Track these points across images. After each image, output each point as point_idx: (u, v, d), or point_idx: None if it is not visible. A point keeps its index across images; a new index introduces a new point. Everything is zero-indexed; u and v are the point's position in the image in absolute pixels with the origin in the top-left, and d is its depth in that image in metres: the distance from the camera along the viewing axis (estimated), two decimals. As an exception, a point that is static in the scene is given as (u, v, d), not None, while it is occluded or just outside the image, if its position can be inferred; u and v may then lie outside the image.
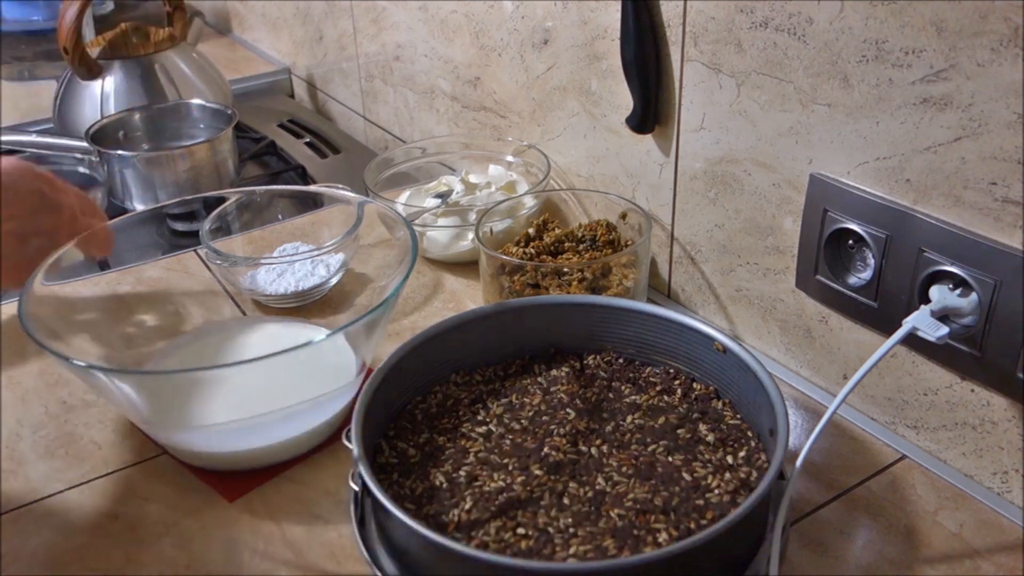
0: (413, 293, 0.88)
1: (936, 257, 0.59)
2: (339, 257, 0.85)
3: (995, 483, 0.62)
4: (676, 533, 0.53)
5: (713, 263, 0.79)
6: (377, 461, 0.61)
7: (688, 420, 0.63)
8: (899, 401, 0.66)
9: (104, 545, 0.60)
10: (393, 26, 1.18)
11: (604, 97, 0.85)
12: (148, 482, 0.66)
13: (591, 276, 0.76)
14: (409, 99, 1.21)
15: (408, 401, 0.66)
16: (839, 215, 0.65)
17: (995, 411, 0.60)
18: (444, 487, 0.58)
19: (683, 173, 0.79)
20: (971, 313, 0.58)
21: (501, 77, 1.00)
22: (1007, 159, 0.54)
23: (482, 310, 0.69)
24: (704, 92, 0.73)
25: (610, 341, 0.70)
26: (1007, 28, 0.51)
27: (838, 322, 0.69)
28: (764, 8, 0.65)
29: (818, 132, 0.65)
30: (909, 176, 0.60)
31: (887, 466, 0.65)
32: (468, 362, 0.69)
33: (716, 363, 0.65)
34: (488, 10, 0.97)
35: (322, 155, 1.29)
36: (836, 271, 0.67)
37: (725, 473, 0.58)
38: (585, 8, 0.83)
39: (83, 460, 0.68)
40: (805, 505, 0.61)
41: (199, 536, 0.61)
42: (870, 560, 0.57)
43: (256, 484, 0.64)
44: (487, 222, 0.85)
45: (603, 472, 0.59)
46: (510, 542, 0.53)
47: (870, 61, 0.59)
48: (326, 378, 0.68)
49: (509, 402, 0.66)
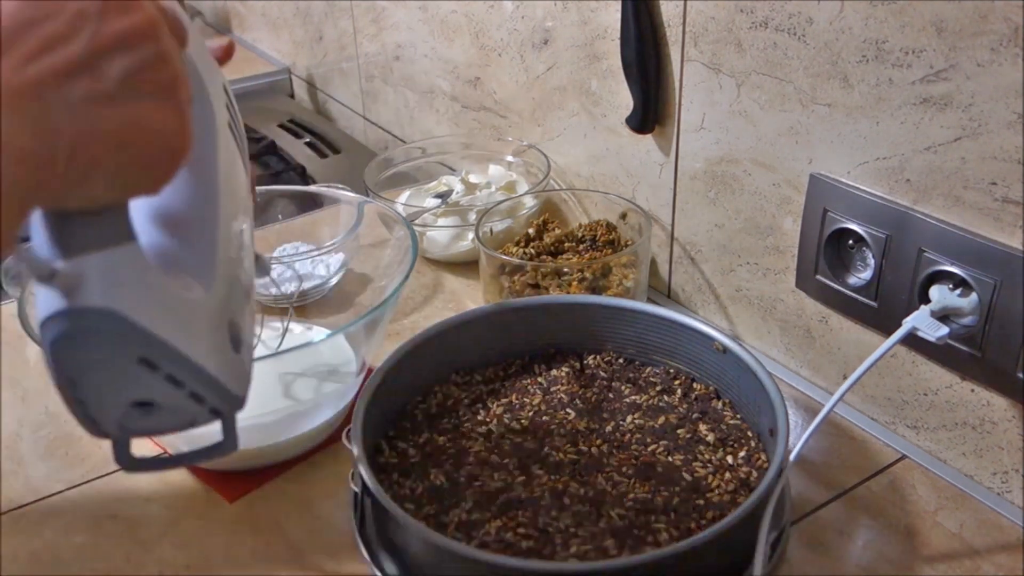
0: (413, 293, 0.88)
1: (936, 257, 0.59)
2: (339, 257, 0.85)
3: (995, 483, 0.62)
4: (676, 533, 0.53)
5: (713, 263, 0.79)
6: (377, 461, 0.61)
7: (688, 420, 0.63)
8: (899, 401, 0.66)
9: (104, 545, 0.60)
10: (393, 26, 1.18)
11: (604, 97, 0.85)
12: (148, 482, 0.66)
13: (591, 276, 0.76)
14: (409, 99, 1.21)
15: (408, 401, 0.66)
16: (839, 215, 0.65)
17: (995, 411, 0.60)
18: (444, 487, 0.58)
19: (683, 173, 0.79)
20: (971, 313, 0.58)
21: (501, 77, 1.00)
22: (1007, 159, 0.54)
23: (482, 310, 0.69)
24: (704, 92, 0.73)
25: (610, 341, 0.70)
26: (1007, 28, 0.51)
27: (838, 322, 0.69)
28: (764, 8, 0.65)
29: (818, 132, 0.65)
30: (909, 176, 0.60)
31: (887, 466, 0.65)
32: (468, 362, 0.69)
33: (716, 363, 0.65)
34: (488, 10, 0.97)
35: (322, 155, 1.29)
36: (836, 271, 0.67)
37: (725, 473, 0.58)
38: (585, 8, 0.83)
39: (83, 460, 0.68)
40: (805, 505, 0.61)
41: (199, 536, 0.61)
42: (870, 560, 0.57)
43: (256, 484, 0.64)
44: (487, 222, 0.85)
45: (603, 472, 0.59)
46: (510, 542, 0.53)
47: (870, 61, 0.59)
48: (326, 378, 0.68)
49: (509, 402, 0.66)
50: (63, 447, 0.69)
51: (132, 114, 0.34)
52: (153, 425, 0.39)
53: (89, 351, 0.34)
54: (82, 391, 0.36)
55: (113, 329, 0.34)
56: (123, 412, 0.38)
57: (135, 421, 0.39)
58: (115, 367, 0.35)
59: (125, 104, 0.34)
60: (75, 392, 0.36)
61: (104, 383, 0.36)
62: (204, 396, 0.39)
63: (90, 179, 0.33)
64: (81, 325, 0.33)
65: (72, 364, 0.35)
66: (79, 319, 0.33)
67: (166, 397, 0.38)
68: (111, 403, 0.37)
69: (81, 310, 0.33)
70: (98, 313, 0.33)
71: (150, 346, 0.35)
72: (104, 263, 0.34)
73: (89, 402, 0.37)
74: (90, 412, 0.37)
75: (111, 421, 0.38)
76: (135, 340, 0.35)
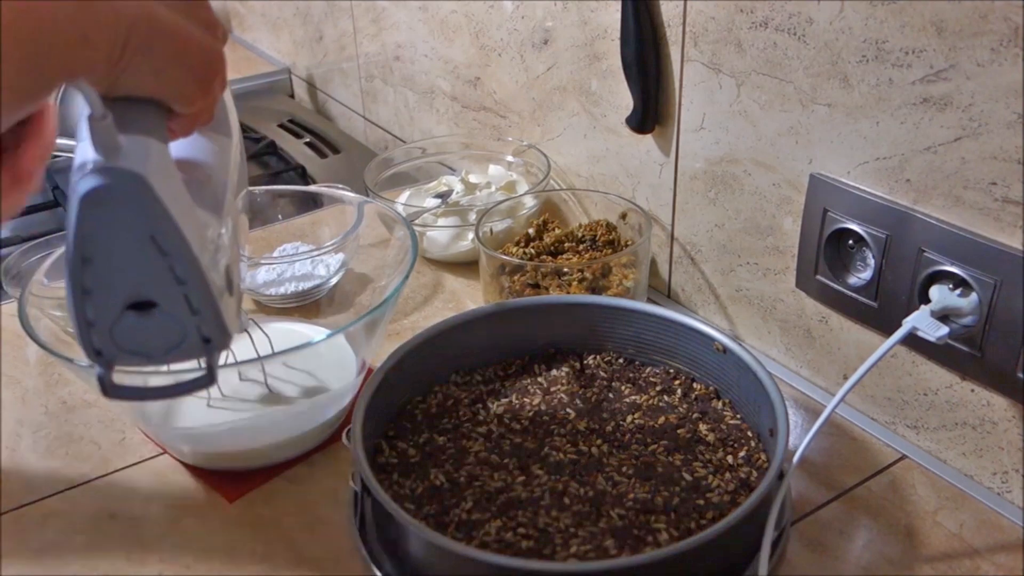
0: (413, 293, 0.88)
1: (936, 257, 0.59)
2: (339, 257, 0.85)
3: (995, 483, 0.62)
4: (676, 533, 0.53)
5: (713, 263, 0.79)
6: (377, 461, 0.61)
7: (688, 420, 0.63)
8: (899, 401, 0.66)
9: (104, 545, 0.60)
10: (393, 26, 1.18)
11: (604, 97, 0.85)
12: (148, 482, 0.66)
13: (591, 276, 0.76)
14: (409, 99, 1.21)
15: (408, 401, 0.66)
16: (839, 215, 0.65)
17: (995, 411, 0.60)
18: (444, 487, 0.58)
19: (683, 173, 0.79)
20: (971, 313, 0.58)
21: (501, 77, 1.00)
22: (1007, 159, 0.54)
23: (482, 310, 0.69)
24: (704, 92, 0.73)
25: (610, 341, 0.70)
26: (1007, 28, 0.51)
27: (838, 322, 0.69)
28: (764, 8, 0.65)
29: (818, 132, 0.65)
30: (909, 176, 0.60)
31: (887, 466, 0.65)
32: (468, 362, 0.69)
33: (716, 363, 0.65)
34: (488, 10, 0.97)
35: (322, 155, 1.29)
36: (836, 271, 0.67)
37: (725, 473, 0.58)
38: (585, 8, 0.83)
39: (83, 460, 0.68)
40: (805, 505, 0.61)
41: (199, 536, 0.61)
42: (870, 560, 0.57)
43: (256, 484, 0.64)
44: (487, 222, 0.85)
45: (603, 472, 0.59)
46: (510, 542, 0.53)
47: (870, 61, 0.59)
48: (326, 378, 0.68)
49: (509, 402, 0.66)
50: (63, 447, 0.69)
51: (184, 26, 0.39)
52: (142, 343, 0.41)
53: (113, 209, 0.37)
54: (90, 274, 0.38)
55: (138, 194, 0.37)
56: (119, 315, 0.40)
57: (126, 334, 0.40)
58: (129, 241, 0.38)
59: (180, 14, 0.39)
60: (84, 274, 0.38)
61: (114, 261, 0.38)
62: (199, 308, 0.40)
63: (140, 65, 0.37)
64: (112, 182, 0.36)
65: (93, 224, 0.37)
66: (112, 175, 0.36)
67: (165, 298, 0.39)
68: (113, 297, 0.39)
69: (116, 169, 0.36)
70: (130, 175, 0.37)
71: (165, 224, 0.38)
72: (143, 147, 0.38)
73: (94, 290, 0.39)
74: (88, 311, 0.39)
75: (105, 326, 0.40)
76: (154, 213, 0.37)
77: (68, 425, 0.72)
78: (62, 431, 0.71)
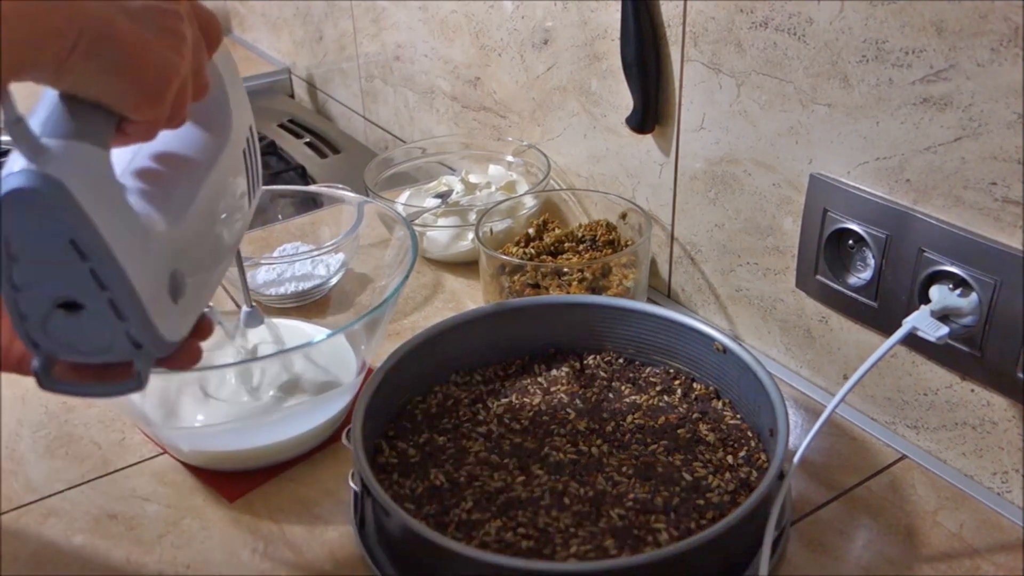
0: (413, 293, 0.88)
1: (936, 257, 0.59)
2: (339, 257, 0.85)
3: (995, 483, 0.62)
4: (676, 533, 0.53)
5: (713, 263, 0.79)
6: (377, 461, 0.61)
7: (688, 420, 0.63)
8: (899, 401, 0.66)
9: (104, 545, 0.60)
10: (393, 26, 1.18)
11: (604, 97, 0.85)
12: (148, 482, 0.66)
13: (591, 276, 0.76)
14: (409, 99, 1.21)
15: (408, 401, 0.66)
16: (839, 215, 0.65)
17: (995, 411, 0.60)
18: (444, 487, 0.58)
19: (683, 173, 0.79)
20: (971, 313, 0.58)
21: (501, 77, 1.00)
22: (1007, 159, 0.54)
23: (482, 310, 0.69)
24: (704, 92, 0.73)
25: (610, 341, 0.70)
26: (1007, 28, 0.51)
27: (838, 322, 0.69)
28: (764, 8, 0.65)
29: (818, 132, 0.65)
30: (909, 176, 0.60)
31: (887, 466, 0.65)
32: (468, 362, 0.69)
33: (716, 363, 0.65)
34: (488, 10, 0.97)
35: (322, 155, 1.29)
36: (836, 271, 0.67)
37: (725, 473, 0.58)
38: (585, 8, 0.83)
39: (83, 460, 0.68)
40: (805, 505, 0.61)
41: (199, 536, 0.61)
42: (870, 560, 0.57)
43: (256, 484, 0.64)
44: (487, 222, 0.85)
45: (603, 472, 0.59)
46: (510, 542, 0.53)
47: (870, 61, 0.59)
48: (326, 378, 0.68)
49: (509, 402, 0.66)
50: (63, 447, 0.69)
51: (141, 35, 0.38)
52: (75, 338, 0.41)
53: (33, 212, 0.37)
54: (18, 272, 0.38)
55: (55, 197, 0.37)
56: (49, 312, 0.39)
57: (59, 331, 0.40)
58: (49, 244, 0.38)
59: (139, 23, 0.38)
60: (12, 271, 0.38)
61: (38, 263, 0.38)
62: (125, 313, 0.40)
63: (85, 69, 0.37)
64: (28, 185, 0.36)
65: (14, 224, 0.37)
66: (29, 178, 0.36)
67: (90, 301, 0.39)
68: (41, 295, 0.39)
69: (34, 172, 0.36)
70: (46, 179, 0.36)
71: (85, 229, 0.37)
72: (73, 151, 0.38)
73: (23, 287, 0.39)
74: (20, 306, 0.39)
75: (37, 321, 0.40)
76: (71, 218, 0.37)
77: (68, 425, 0.72)
78: (62, 431, 0.71)
